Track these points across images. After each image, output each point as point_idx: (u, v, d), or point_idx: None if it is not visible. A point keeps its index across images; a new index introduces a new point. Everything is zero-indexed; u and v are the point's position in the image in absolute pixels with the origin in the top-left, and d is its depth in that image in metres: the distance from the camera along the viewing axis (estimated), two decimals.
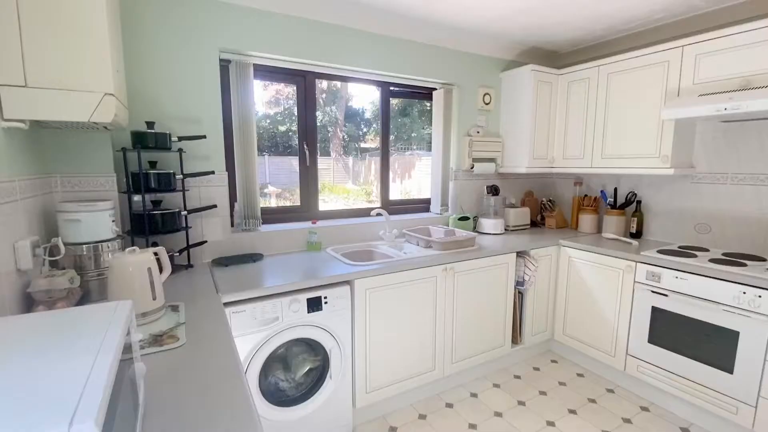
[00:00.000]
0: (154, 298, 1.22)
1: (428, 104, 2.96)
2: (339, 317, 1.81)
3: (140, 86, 1.80)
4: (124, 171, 1.70)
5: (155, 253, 1.30)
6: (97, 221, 1.42)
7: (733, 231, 2.28)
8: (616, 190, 2.78)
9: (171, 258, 1.76)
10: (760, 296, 1.74)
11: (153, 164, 1.74)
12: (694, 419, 2.05)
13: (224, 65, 2.06)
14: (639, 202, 2.68)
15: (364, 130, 2.86)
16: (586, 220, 2.88)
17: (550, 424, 2.04)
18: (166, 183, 1.74)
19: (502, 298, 2.44)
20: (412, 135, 3.05)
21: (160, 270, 1.32)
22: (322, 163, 2.60)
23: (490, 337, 2.43)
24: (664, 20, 2.44)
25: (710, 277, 1.90)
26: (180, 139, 1.80)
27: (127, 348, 0.70)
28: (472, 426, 2.02)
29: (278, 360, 1.79)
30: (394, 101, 2.92)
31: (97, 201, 1.45)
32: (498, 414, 2.12)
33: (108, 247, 1.44)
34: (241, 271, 1.84)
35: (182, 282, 1.67)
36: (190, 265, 1.89)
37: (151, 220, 1.70)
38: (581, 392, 2.32)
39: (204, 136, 1.86)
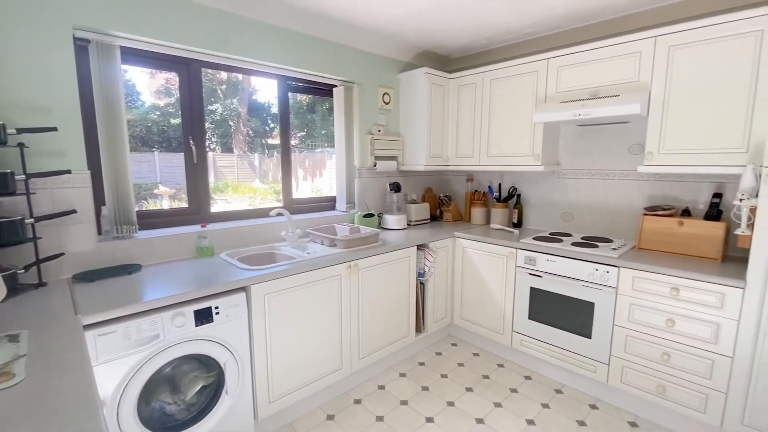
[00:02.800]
0: None
1: None
2: (234, 327, 1.69)
3: None
4: None
5: None
6: None
7: (589, 218, 2.71)
8: (500, 185, 3.10)
9: (12, 276, 1.44)
10: (608, 272, 2.09)
11: None
12: (566, 381, 2.39)
13: (83, 45, 1.75)
14: (519, 196, 3.02)
15: (271, 125, 2.69)
16: (477, 213, 3.16)
17: (450, 404, 2.19)
18: (1, 185, 1.42)
19: (405, 290, 2.54)
20: (322, 132, 2.98)
21: None
22: (222, 160, 2.38)
23: (396, 328, 2.51)
24: (535, 34, 2.77)
25: (572, 258, 2.23)
26: (20, 131, 1.48)
27: None
28: (380, 418, 2.06)
29: (164, 382, 1.60)
30: (302, 97, 2.81)
31: None
32: (404, 402, 2.20)
33: None
34: (111, 286, 1.59)
35: (29, 305, 1.38)
36: (41, 284, 1.57)
37: None
38: (477, 370, 2.54)
39: (54, 128, 1.56)
